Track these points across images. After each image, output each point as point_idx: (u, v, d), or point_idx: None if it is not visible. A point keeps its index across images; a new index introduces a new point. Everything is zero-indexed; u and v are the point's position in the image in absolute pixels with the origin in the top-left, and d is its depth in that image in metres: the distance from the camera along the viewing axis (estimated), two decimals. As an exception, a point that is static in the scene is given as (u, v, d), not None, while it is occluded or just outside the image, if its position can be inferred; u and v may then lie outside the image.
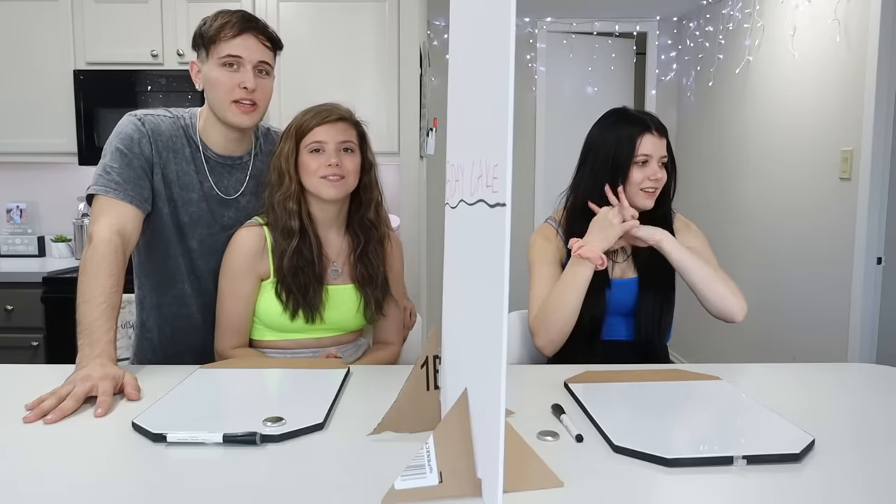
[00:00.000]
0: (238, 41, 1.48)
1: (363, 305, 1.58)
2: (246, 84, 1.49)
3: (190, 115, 1.61)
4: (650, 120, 1.65)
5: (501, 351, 0.71)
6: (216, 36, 1.48)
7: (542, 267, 1.67)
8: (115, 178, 1.48)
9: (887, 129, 2.77)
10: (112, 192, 1.47)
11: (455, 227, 0.97)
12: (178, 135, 1.57)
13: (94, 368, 1.21)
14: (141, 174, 1.51)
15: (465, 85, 0.94)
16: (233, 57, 1.48)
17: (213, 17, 1.51)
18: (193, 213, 1.58)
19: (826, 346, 3.07)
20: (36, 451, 0.99)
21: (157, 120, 1.55)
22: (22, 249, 3.32)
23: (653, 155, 1.63)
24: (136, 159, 1.50)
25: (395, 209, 3.13)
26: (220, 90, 1.50)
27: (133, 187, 1.49)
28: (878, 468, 0.95)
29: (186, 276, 1.60)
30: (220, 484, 0.89)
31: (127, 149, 1.50)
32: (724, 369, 1.39)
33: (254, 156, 1.64)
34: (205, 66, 1.52)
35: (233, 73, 1.49)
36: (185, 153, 1.57)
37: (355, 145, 1.52)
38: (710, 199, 4.25)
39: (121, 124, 1.54)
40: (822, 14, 3.08)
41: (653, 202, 1.66)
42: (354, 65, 3.00)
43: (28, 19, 2.99)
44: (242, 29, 1.49)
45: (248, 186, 1.62)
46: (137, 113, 1.56)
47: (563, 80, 4.89)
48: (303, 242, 1.51)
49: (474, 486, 0.82)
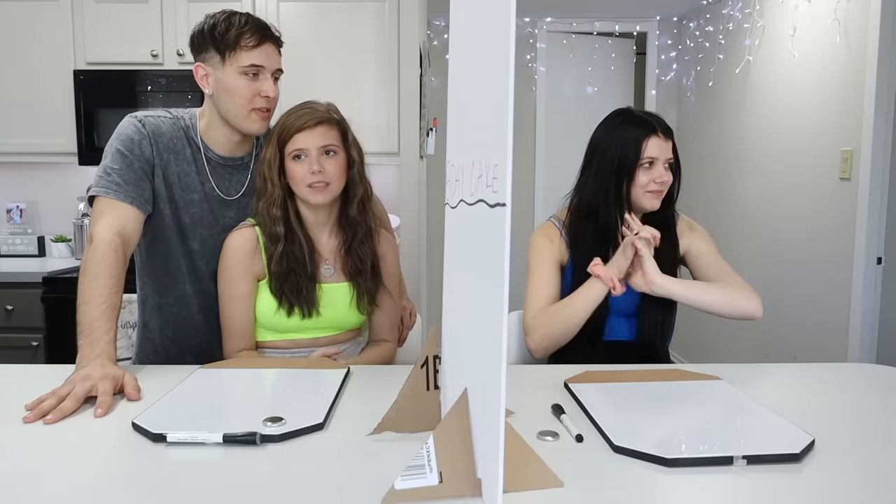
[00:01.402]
0: (259, 51, 1.49)
1: (356, 297, 1.58)
2: (269, 93, 1.51)
3: (190, 115, 1.61)
4: (656, 121, 1.64)
5: (501, 351, 0.71)
6: (236, 44, 1.47)
7: (542, 266, 1.67)
8: (115, 180, 1.48)
9: (887, 129, 2.77)
10: (113, 194, 1.47)
11: (455, 227, 0.97)
12: (179, 136, 1.57)
13: (94, 368, 1.21)
14: (141, 175, 1.51)
15: (465, 85, 0.94)
16: (256, 66, 1.49)
17: (225, 20, 1.49)
18: (195, 214, 1.58)
19: (826, 346, 3.07)
20: (36, 451, 0.99)
21: (157, 121, 1.56)
22: (22, 249, 3.32)
23: (658, 157, 1.62)
24: (137, 161, 1.51)
25: (395, 209, 3.13)
26: (239, 99, 1.50)
27: (134, 188, 1.49)
28: (878, 468, 0.95)
29: (188, 276, 1.60)
30: (220, 484, 0.89)
31: (128, 150, 1.51)
32: (724, 369, 1.39)
33: (255, 157, 1.64)
34: (218, 71, 1.50)
35: (252, 81, 1.50)
36: (185, 154, 1.57)
37: (337, 146, 1.51)
38: (710, 198, 4.25)
39: (121, 126, 1.54)
40: (822, 14, 3.08)
41: (659, 203, 1.65)
42: (354, 65, 3.00)
43: (28, 19, 2.99)
44: (263, 38, 1.49)
45: (250, 187, 1.62)
46: (138, 114, 1.56)
47: (563, 80, 4.89)
48: (291, 245, 1.52)
49: (474, 486, 0.82)
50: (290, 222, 1.52)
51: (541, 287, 1.65)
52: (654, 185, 1.62)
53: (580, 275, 1.63)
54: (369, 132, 1.53)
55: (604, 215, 1.65)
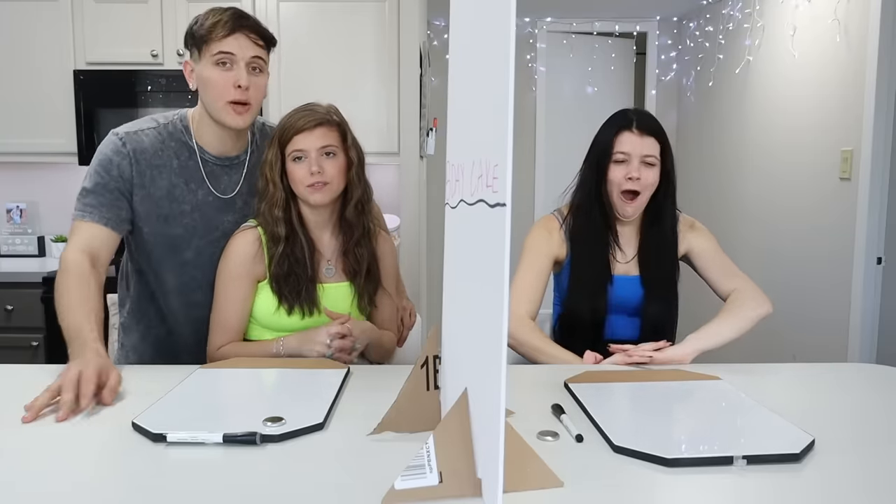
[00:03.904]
0: (231, 40, 1.47)
1: (356, 298, 1.58)
2: (240, 82, 1.47)
3: (180, 118, 1.58)
4: (637, 118, 1.62)
5: (501, 351, 0.71)
6: (208, 35, 1.46)
7: (533, 256, 1.66)
8: (90, 202, 1.50)
9: (887, 129, 2.77)
10: (88, 216, 1.49)
11: (455, 227, 0.97)
12: (166, 146, 1.54)
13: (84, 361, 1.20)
14: (118, 196, 1.51)
15: (465, 85, 0.94)
16: (225, 54, 1.46)
17: (205, 15, 1.49)
18: (187, 225, 1.56)
19: (826, 345, 3.07)
20: (36, 451, 0.99)
21: (140, 137, 1.53)
22: (22, 249, 3.32)
23: (631, 153, 1.60)
24: (114, 181, 1.50)
25: (395, 209, 3.13)
26: (214, 90, 1.48)
27: (108, 209, 1.50)
28: (878, 468, 0.95)
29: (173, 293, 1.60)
30: (220, 484, 0.89)
31: (105, 171, 1.51)
32: (724, 369, 1.39)
33: (250, 153, 1.62)
34: (198, 65, 1.50)
35: (226, 71, 1.47)
36: (173, 166, 1.54)
37: (337, 147, 1.51)
38: (710, 198, 4.25)
39: (104, 144, 1.54)
40: (822, 14, 3.08)
41: (633, 210, 1.63)
42: (354, 65, 3.00)
43: (28, 19, 2.99)
44: (234, 27, 1.47)
45: (244, 186, 1.60)
46: (120, 131, 1.54)
47: (563, 80, 4.89)
48: (293, 246, 1.51)
49: (474, 486, 0.82)
50: (291, 223, 1.52)
51: (526, 276, 1.64)
52: (627, 184, 1.60)
53: (578, 270, 1.63)
54: (369, 132, 1.52)
55: (591, 214, 1.66)
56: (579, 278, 1.67)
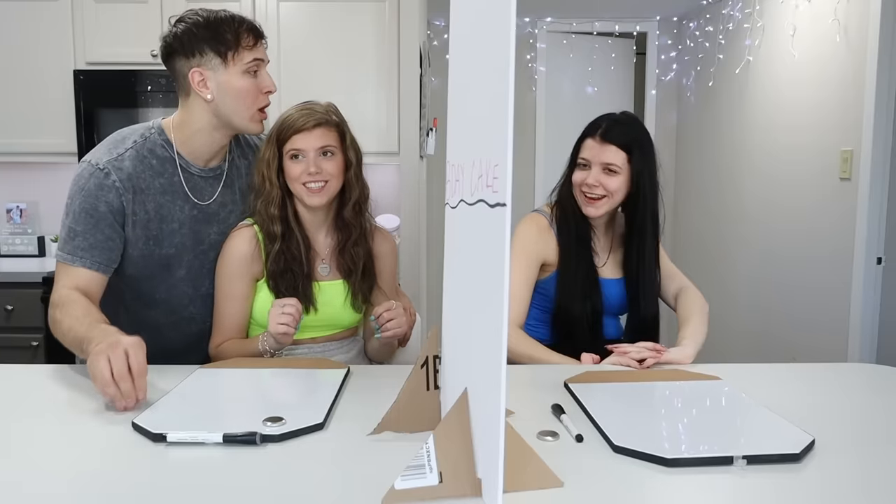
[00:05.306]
0: (259, 46, 1.48)
1: (350, 296, 1.58)
2: (270, 88, 1.49)
3: (157, 130, 1.51)
4: (606, 126, 1.62)
5: (501, 351, 0.71)
6: (237, 43, 1.44)
7: (522, 259, 1.66)
8: (80, 244, 1.42)
9: (887, 129, 2.77)
10: (79, 261, 1.42)
11: (455, 227, 0.97)
12: (145, 165, 1.47)
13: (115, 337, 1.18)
14: (110, 234, 1.44)
15: (465, 85, 0.94)
16: (258, 62, 1.47)
17: (216, 21, 1.44)
18: (178, 244, 1.52)
19: (826, 346, 3.07)
20: (36, 451, 0.99)
21: (118, 162, 1.45)
22: (22, 249, 3.31)
23: (591, 160, 1.61)
24: (104, 219, 1.43)
25: (395, 209, 3.13)
26: (248, 98, 1.46)
27: (101, 252, 1.43)
28: (878, 468, 0.95)
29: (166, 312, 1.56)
30: (220, 484, 0.89)
31: (92, 208, 1.42)
32: (724, 369, 1.39)
33: (229, 162, 1.59)
34: (220, 73, 1.44)
35: (254, 79, 1.48)
36: (156, 185, 1.48)
37: (335, 147, 1.51)
38: (709, 198, 4.25)
39: (82, 177, 1.44)
40: (822, 14, 3.08)
41: (595, 210, 1.64)
42: (354, 65, 3.00)
43: (28, 19, 2.99)
44: (258, 34, 1.48)
45: (221, 196, 1.56)
46: (98, 161, 1.45)
47: (563, 80, 4.89)
48: (289, 243, 1.52)
49: (474, 486, 0.82)
50: (287, 221, 1.52)
51: (514, 288, 1.62)
52: (585, 188, 1.62)
53: (566, 269, 1.64)
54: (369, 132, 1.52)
55: (566, 211, 1.68)
56: (569, 279, 1.66)
